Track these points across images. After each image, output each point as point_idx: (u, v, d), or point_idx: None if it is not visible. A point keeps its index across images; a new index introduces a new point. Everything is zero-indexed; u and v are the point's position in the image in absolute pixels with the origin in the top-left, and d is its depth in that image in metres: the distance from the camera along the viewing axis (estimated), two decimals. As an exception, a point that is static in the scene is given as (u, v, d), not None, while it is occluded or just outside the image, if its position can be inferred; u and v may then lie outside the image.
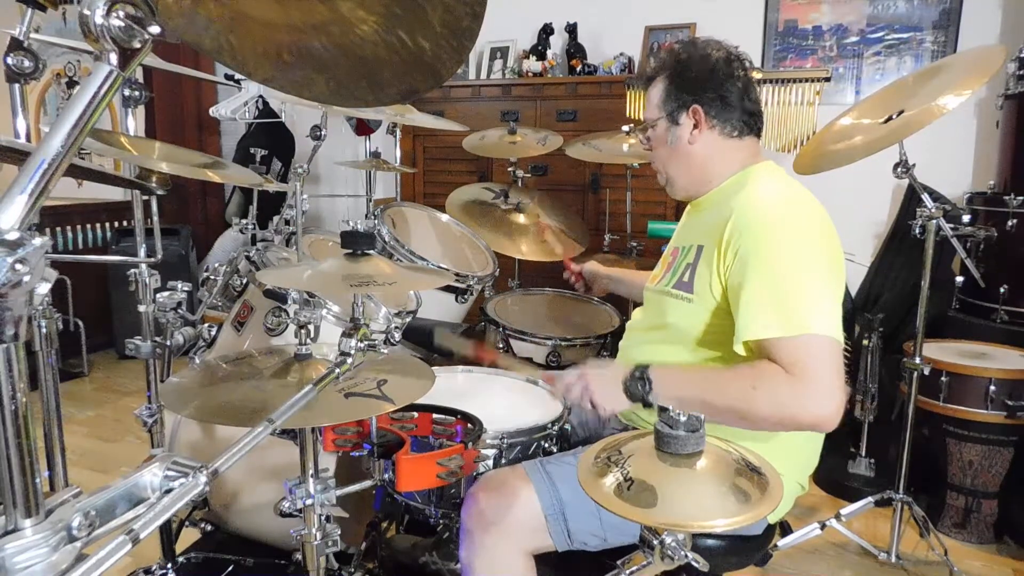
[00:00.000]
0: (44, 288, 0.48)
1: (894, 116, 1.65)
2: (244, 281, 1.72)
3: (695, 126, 1.28)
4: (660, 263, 1.42)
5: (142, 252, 1.48)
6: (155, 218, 1.57)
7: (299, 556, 1.06)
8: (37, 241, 0.47)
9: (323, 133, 1.93)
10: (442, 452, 1.10)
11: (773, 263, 1.10)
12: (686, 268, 1.25)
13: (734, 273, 1.14)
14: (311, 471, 1.03)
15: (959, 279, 2.33)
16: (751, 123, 1.29)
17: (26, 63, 1.19)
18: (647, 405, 1.15)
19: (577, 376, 1.22)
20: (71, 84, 4.37)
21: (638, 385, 1.14)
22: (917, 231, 1.83)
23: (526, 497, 1.15)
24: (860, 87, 3.13)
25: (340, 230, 1.09)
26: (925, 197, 1.80)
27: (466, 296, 2.01)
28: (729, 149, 1.29)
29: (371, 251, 1.03)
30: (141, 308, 1.46)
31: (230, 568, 1.61)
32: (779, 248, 1.11)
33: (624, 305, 2.27)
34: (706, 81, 1.27)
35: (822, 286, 1.10)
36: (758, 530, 1.24)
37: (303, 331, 1.07)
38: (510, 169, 2.53)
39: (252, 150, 3.28)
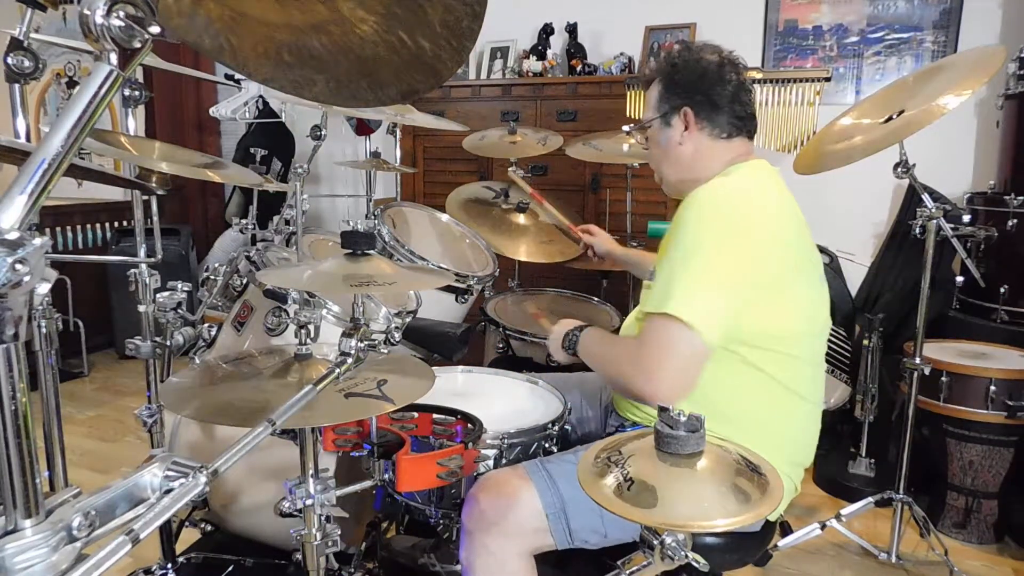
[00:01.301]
0: (44, 288, 0.48)
1: (894, 116, 1.65)
2: (244, 281, 1.72)
3: (685, 128, 1.33)
4: None
5: (142, 252, 1.48)
6: (155, 218, 1.57)
7: (299, 556, 1.06)
8: (37, 241, 0.47)
9: (323, 133, 1.93)
10: (442, 452, 1.10)
11: (677, 244, 1.16)
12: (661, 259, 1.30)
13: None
14: (311, 471, 1.03)
15: (959, 279, 2.33)
16: (740, 125, 1.32)
17: (26, 63, 1.19)
18: (572, 354, 1.37)
19: (561, 321, 1.43)
20: (71, 84, 4.37)
21: (569, 339, 1.37)
22: (917, 231, 1.83)
23: (527, 497, 1.15)
24: (860, 87, 3.13)
25: (340, 230, 1.09)
26: (925, 197, 1.80)
27: (466, 296, 2.01)
28: (717, 150, 1.32)
29: (371, 251, 1.03)
30: (141, 308, 1.46)
31: (230, 568, 1.61)
32: (686, 231, 1.16)
33: (624, 305, 2.27)
34: (696, 85, 1.31)
35: (705, 276, 1.13)
36: (756, 527, 1.24)
37: (303, 331, 1.07)
38: (511, 168, 2.53)
39: (252, 150, 3.28)
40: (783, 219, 1.21)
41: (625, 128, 2.40)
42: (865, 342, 2.37)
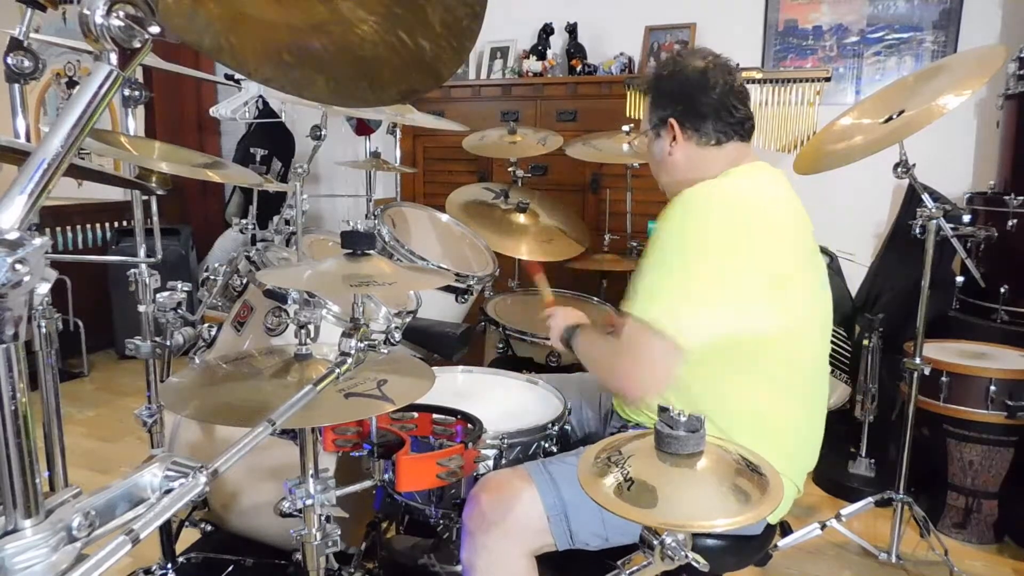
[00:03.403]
0: (44, 288, 0.48)
1: (894, 116, 1.65)
2: (244, 281, 1.72)
3: (673, 139, 1.32)
4: None
5: (142, 252, 1.48)
6: (155, 218, 1.58)
7: (299, 556, 1.06)
8: (37, 241, 0.47)
9: (323, 133, 1.93)
10: (442, 452, 1.10)
11: (654, 246, 1.18)
12: None
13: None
14: (311, 471, 1.03)
15: (959, 279, 2.33)
16: (729, 131, 1.30)
17: (26, 63, 1.19)
18: (568, 347, 1.42)
19: (559, 311, 1.48)
20: (71, 84, 4.37)
21: (569, 334, 1.41)
22: (917, 231, 1.83)
23: (528, 498, 1.15)
24: (860, 87, 3.13)
25: (340, 230, 1.09)
26: (925, 197, 1.80)
27: (466, 296, 2.01)
28: (708, 157, 1.31)
29: (371, 251, 1.03)
30: (141, 308, 1.46)
31: (230, 568, 1.61)
32: (666, 234, 1.18)
33: (624, 305, 2.27)
34: (679, 95, 1.30)
35: (681, 281, 1.14)
36: (758, 530, 1.24)
37: (303, 331, 1.07)
38: (510, 169, 2.53)
39: (252, 150, 3.28)
40: (778, 221, 1.20)
41: (625, 128, 2.41)
42: (865, 342, 2.37)
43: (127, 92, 1.39)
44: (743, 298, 1.14)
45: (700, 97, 1.28)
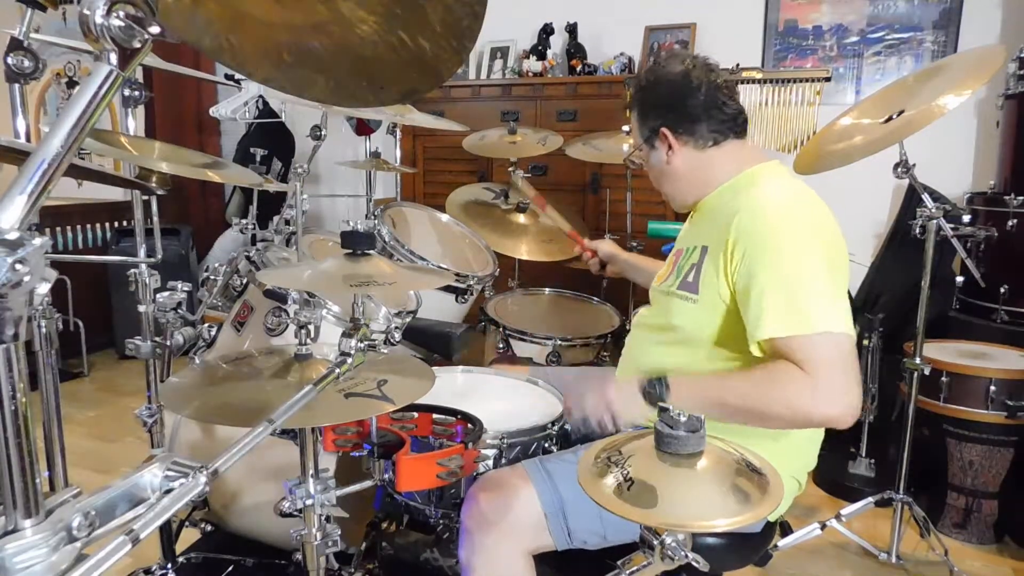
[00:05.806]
0: (44, 288, 0.48)
1: (894, 116, 1.65)
2: (244, 281, 1.72)
3: (668, 147, 1.31)
4: (666, 264, 1.42)
5: (142, 252, 1.48)
6: (155, 218, 1.58)
7: (299, 556, 1.06)
8: (37, 241, 0.47)
9: (323, 133, 1.93)
10: (442, 452, 1.10)
11: (780, 263, 1.11)
12: (691, 269, 1.26)
13: (742, 275, 1.14)
14: (311, 471, 1.03)
15: (959, 279, 2.33)
16: (724, 129, 1.29)
17: (26, 63, 1.19)
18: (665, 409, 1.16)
19: (594, 389, 1.23)
20: (71, 84, 4.37)
21: (655, 388, 1.15)
22: (917, 231, 1.83)
23: (526, 496, 1.15)
24: (860, 87, 3.13)
25: (340, 230, 1.09)
26: (925, 197, 1.79)
27: (466, 296, 2.01)
28: (711, 158, 1.30)
29: (371, 251, 1.03)
30: (141, 308, 1.46)
31: (230, 568, 1.61)
32: (785, 247, 1.12)
33: (624, 305, 2.27)
34: (665, 102, 1.29)
35: (829, 283, 1.11)
36: (758, 528, 1.24)
37: (303, 331, 1.07)
38: (510, 169, 2.53)
39: (252, 150, 3.28)
40: (835, 225, 1.21)
41: (625, 128, 2.41)
42: (865, 342, 2.37)
43: (127, 92, 1.39)
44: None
45: (687, 100, 1.27)
